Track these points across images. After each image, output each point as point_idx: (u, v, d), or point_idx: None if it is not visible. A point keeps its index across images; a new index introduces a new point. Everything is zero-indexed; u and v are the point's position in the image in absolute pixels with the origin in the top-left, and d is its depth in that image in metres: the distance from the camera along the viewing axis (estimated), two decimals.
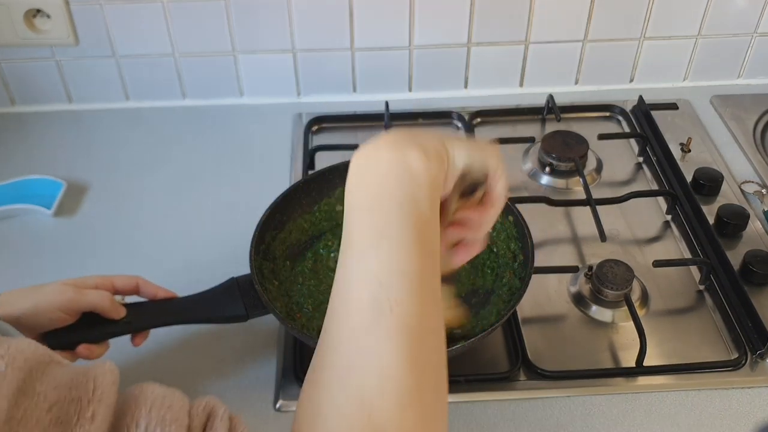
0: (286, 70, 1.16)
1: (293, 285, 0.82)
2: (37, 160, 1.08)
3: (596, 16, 1.12)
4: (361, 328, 0.44)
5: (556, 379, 0.77)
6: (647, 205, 0.99)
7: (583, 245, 0.93)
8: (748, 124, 1.12)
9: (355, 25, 1.11)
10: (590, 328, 0.83)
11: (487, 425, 0.74)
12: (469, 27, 1.12)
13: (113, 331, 0.71)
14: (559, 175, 1.03)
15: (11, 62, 1.13)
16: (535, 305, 0.85)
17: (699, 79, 1.21)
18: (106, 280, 0.72)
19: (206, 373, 0.79)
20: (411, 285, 0.45)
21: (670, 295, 0.87)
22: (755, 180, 1.02)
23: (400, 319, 0.44)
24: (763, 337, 0.79)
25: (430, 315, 0.46)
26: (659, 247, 0.93)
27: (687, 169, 1.00)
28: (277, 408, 0.75)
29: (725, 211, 0.93)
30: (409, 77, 1.18)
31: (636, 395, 0.76)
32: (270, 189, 0.88)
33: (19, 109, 1.18)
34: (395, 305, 0.44)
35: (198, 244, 0.95)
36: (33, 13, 1.07)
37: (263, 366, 0.79)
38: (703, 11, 1.13)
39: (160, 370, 0.79)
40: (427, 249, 0.48)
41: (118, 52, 1.12)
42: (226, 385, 0.78)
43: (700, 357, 0.79)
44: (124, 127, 1.16)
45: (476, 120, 1.15)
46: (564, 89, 1.20)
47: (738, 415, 0.74)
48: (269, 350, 0.81)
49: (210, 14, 1.09)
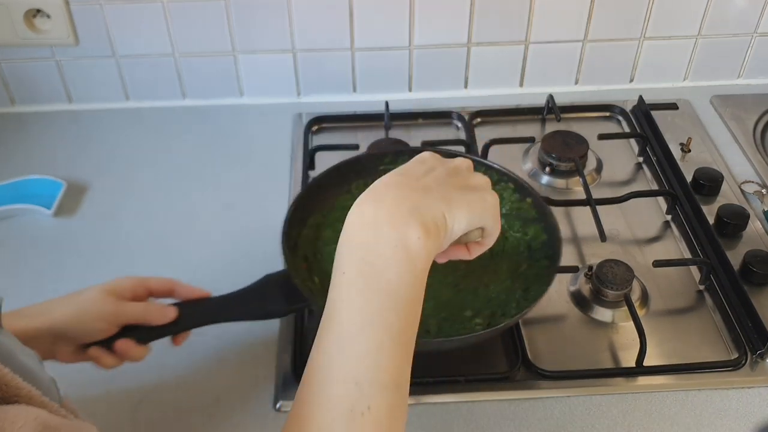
0: (286, 70, 1.16)
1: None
2: (37, 160, 1.08)
3: (596, 16, 1.12)
4: (334, 423, 0.46)
5: (556, 379, 0.77)
6: (647, 205, 0.99)
7: (583, 245, 0.93)
8: (748, 124, 1.12)
9: (355, 25, 1.11)
10: (590, 328, 0.83)
11: (487, 425, 0.74)
12: (469, 27, 1.12)
13: (158, 333, 0.71)
14: (559, 175, 1.03)
15: (11, 62, 1.13)
16: (535, 305, 0.85)
17: (699, 79, 1.21)
18: (141, 283, 0.71)
19: (206, 373, 0.79)
20: (387, 389, 0.48)
21: (670, 295, 0.87)
22: (755, 180, 1.02)
23: (371, 422, 0.46)
24: (763, 336, 0.79)
25: (401, 403, 0.49)
26: (659, 247, 0.93)
27: (687, 169, 1.00)
28: (276, 408, 0.75)
29: (725, 211, 0.93)
30: (409, 77, 1.19)
31: (636, 395, 0.76)
32: (270, 189, 0.88)
33: (19, 109, 1.18)
34: (369, 410, 0.46)
35: (198, 245, 0.95)
36: (33, 13, 1.07)
37: (263, 366, 0.80)
38: (703, 11, 1.13)
39: (160, 370, 0.79)
40: (410, 335, 0.50)
41: (118, 52, 1.13)
42: (226, 384, 0.78)
43: (700, 357, 0.79)
44: (124, 127, 1.16)
45: (476, 120, 1.15)
46: (564, 89, 1.20)
47: (738, 415, 0.74)
48: (269, 350, 0.81)
49: (210, 14, 1.09)
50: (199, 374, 0.79)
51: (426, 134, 1.10)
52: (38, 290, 0.89)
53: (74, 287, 0.89)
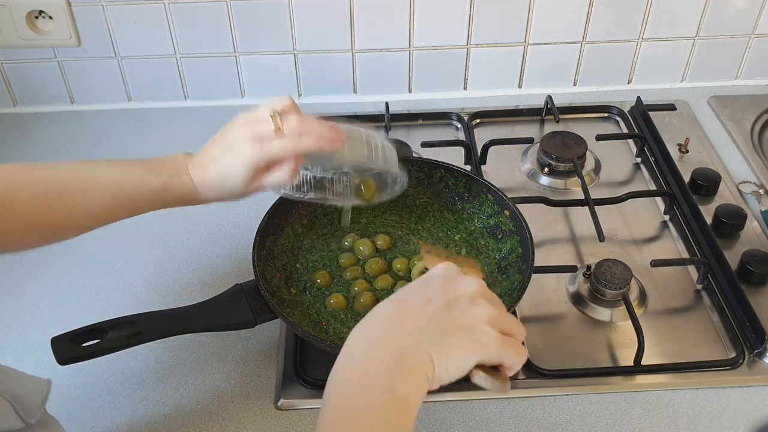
0: (287, 72, 1.17)
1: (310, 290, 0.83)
2: (39, 161, 1.08)
3: (594, 17, 1.13)
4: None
5: (554, 377, 0.78)
6: (645, 205, 0.99)
7: (582, 245, 0.94)
8: (746, 125, 1.13)
9: (356, 26, 1.12)
10: (589, 328, 0.84)
11: (486, 424, 0.74)
12: (468, 28, 1.13)
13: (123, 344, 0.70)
14: (557, 176, 1.04)
15: (13, 63, 1.13)
16: (534, 305, 0.86)
17: (697, 80, 1.22)
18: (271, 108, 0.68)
19: (208, 371, 0.80)
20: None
21: (667, 295, 0.87)
22: (753, 180, 1.03)
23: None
24: (760, 336, 0.79)
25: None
26: (657, 247, 0.94)
27: (685, 170, 1.01)
28: (278, 406, 0.76)
29: (723, 211, 0.93)
30: (409, 78, 1.19)
31: (634, 394, 0.77)
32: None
33: (22, 110, 1.19)
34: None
35: (198, 245, 0.95)
36: (35, 14, 1.08)
37: (265, 364, 0.80)
38: (701, 12, 1.13)
39: (161, 368, 0.80)
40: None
41: (120, 53, 1.13)
42: (228, 383, 0.78)
43: (698, 356, 0.80)
44: (126, 128, 1.16)
45: (475, 121, 1.15)
46: (562, 90, 1.21)
47: (735, 413, 0.75)
48: (271, 349, 0.82)
49: (212, 16, 1.09)
50: (200, 372, 0.80)
51: (426, 135, 1.11)
52: (38, 290, 0.90)
53: (74, 286, 0.90)
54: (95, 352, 0.69)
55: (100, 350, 0.70)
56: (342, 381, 0.52)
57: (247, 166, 0.66)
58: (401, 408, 0.50)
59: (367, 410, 0.50)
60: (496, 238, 0.86)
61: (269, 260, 0.82)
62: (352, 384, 0.51)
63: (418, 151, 1.05)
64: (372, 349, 0.52)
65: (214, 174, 0.68)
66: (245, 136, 0.67)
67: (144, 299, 0.87)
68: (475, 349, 0.53)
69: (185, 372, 0.80)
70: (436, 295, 0.55)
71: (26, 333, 0.84)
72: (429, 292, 0.56)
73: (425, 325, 0.53)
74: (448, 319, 0.54)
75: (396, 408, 0.50)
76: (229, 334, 0.82)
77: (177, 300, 0.87)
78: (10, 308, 0.87)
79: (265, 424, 0.74)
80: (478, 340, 0.53)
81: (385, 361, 0.51)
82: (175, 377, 0.79)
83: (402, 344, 0.52)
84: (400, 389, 0.50)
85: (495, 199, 0.87)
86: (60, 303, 0.88)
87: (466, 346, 0.53)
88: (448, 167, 0.90)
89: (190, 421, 0.75)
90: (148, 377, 0.79)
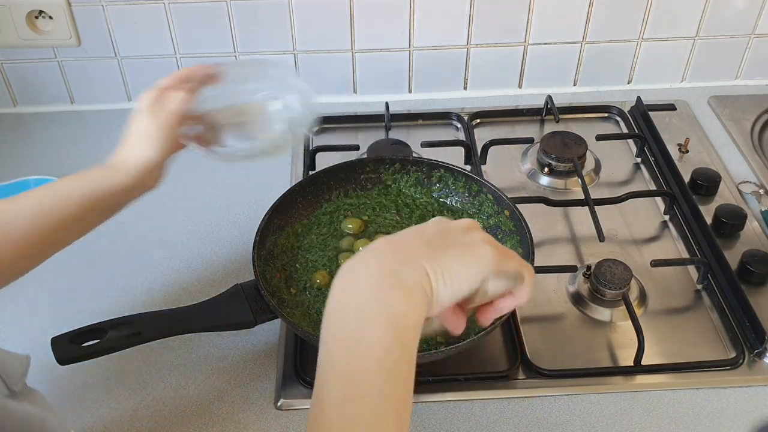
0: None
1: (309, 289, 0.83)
2: (39, 161, 1.09)
3: (594, 17, 1.13)
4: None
5: (554, 377, 0.78)
6: (645, 205, 0.99)
7: (582, 245, 0.94)
8: (746, 125, 1.13)
9: (356, 26, 1.12)
10: (589, 328, 0.84)
11: (486, 424, 0.74)
12: (468, 28, 1.13)
13: (123, 344, 0.71)
14: (557, 176, 1.04)
15: (13, 63, 1.13)
16: (534, 304, 0.86)
17: (697, 80, 1.22)
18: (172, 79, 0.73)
19: (208, 371, 0.80)
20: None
21: (667, 295, 0.87)
22: (753, 180, 1.03)
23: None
24: (760, 336, 0.80)
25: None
26: (657, 247, 0.94)
27: (685, 170, 1.01)
28: (278, 406, 0.76)
29: (723, 211, 0.93)
30: (409, 78, 1.19)
31: (634, 394, 0.77)
32: (270, 190, 0.89)
33: (21, 110, 1.19)
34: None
35: (198, 245, 0.95)
36: (35, 14, 1.08)
37: (265, 364, 0.80)
38: (701, 12, 1.13)
39: (162, 367, 0.80)
40: (402, 402, 0.48)
41: (120, 53, 1.13)
42: (228, 383, 0.79)
43: (698, 356, 0.80)
44: (127, 128, 1.16)
45: (475, 121, 1.15)
46: (562, 90, 1.21)
47: (735, 413, 0.75)
48: (271, 348, 0.82)
49: (212, 16, 1.09)
50: (201, 372, 0.80)
51: (426, 135, 1.11)
52: (38, 290, 0.90)
53: (74, 286, 0.90)
54: (95, 352, 0.70)
55: (100, 350, 0.70)
56: (334, 310, 0.50)
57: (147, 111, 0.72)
58: (400, 328, 0.48)
59: (364, 333, 0.48)
60: (496, 237, 0.85)
61: (269, 260, 0.82)
62: (347, 309, 0.50)
63: (418, 151, 1.05)
64: (364, 274, 0.50)
65: (134, 143, 0.75)
66: (140, 108, 0.73)
67: (144, 299, 0.88)
68: (471, 262, 0.52)
69: (185, 372, 0.80)
70: (429, 227, 0.54)
71: (26, 333, 0.84)
72: (422, 227, 0.55)
73: (420, 247, 0.52)
74: (444, 242, 0.53)
75: (395, 328, 0.48)
76: (229, 334, 0.82)
77: (177, 300, 0.87)
78: (10, 308, 0.87)
79: (265, 424, 0.74)
80: (474, 254, 0.52)
81: (378, 281, 0.49)
82: (175, 377, 0.79)
83: (395, 266, 0.50)
84: (398, 308, 0.48)
85: (495, 199, 0.87)
86: (60, 303, 0.88)
87: (462, 258, 0.52)
88: (448, 167, 0.90)
89: (190, 421, 0.75)
90: (148, 377, 0.79)
